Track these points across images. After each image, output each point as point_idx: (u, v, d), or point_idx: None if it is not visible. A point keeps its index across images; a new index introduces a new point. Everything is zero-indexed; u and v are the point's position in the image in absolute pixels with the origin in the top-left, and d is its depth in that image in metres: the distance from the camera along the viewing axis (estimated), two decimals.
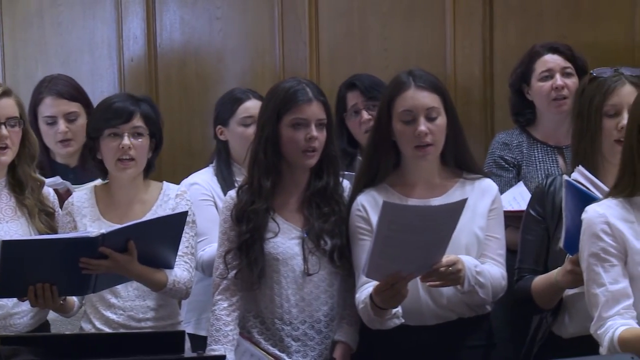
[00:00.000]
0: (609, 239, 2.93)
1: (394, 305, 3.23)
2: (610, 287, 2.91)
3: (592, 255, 2.94)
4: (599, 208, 2.97)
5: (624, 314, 2.88)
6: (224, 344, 3.40)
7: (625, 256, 2.93)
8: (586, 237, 2.96)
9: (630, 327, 2.85)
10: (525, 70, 4.11)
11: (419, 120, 3.35)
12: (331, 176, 3.50)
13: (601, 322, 2.90)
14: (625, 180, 2.98)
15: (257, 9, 5.08)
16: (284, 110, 3.43)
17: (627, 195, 2.97)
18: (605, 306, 2.90)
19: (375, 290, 3.20)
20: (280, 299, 3.44)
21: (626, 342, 2.83)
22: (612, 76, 3.31)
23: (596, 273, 2.93)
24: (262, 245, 3.43)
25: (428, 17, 4.71)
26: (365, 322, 3.37)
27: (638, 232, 2.94)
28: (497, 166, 4.08)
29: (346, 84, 4.32)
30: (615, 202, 2.97)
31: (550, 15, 4.49)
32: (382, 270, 3.12)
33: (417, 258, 3.12)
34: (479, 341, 3.45)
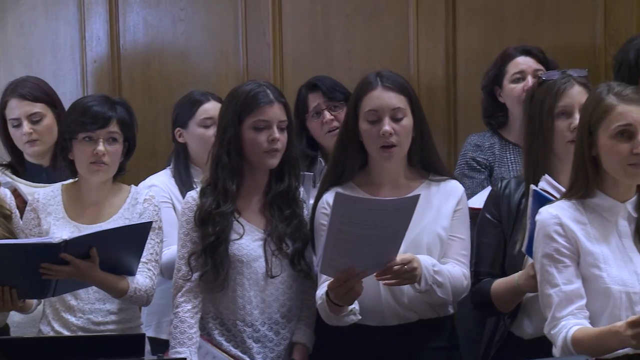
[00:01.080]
0: (562, 240, 2.95)
1: (348, 302, 3.23)
2: (564, 287, 2.93)
3: (546, 256, 2.97)
4: (552, 210, 2.99)
5: (577, 313, 2.91)
6: (189, 347, 3.40)
7: (578, 257, 2.96)
8: (540, 238, 2.99)
9: (583, 327, 2.87)
10: (497, 72, 4.13)
11: (384, 121, 3.36)
12: (292, 178, 3.51)
13: (555, 322, 2.92)
14: (578, 183, 3.01)
15: (221, 11, 5.07)
16: (245, 112, 3.43)
17: (580, 197, 3.00)
18: (558, 306, 2.92)
19: (330, 287, 3.21)
20: (243, 301, 3.44)
21: (579, 342, 2.85)
22: (560, 78, 3.35)
23: (550, 274, 2.95)
24: (227, 247, 3.42)
25: (391, 19, 4.72)
26: (323, 319, 3.37)
27: (590, 233, 2.97)
28: (470, 168, 4.09)
29: (307, 85, 4.31)
30: (568, 204, 3.00)
31: (513, 17, 4.51)
32: (335, 265, 3.13)
33: (370, 254, 3.13)
34: (440, 342, 3.46)
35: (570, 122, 3.28)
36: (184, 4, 5.15)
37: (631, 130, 2.91)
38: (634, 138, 2.91)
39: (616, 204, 2.99)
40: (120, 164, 3.66)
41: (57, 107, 4.22)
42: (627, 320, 2.75)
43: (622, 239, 2.97)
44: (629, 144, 2.91)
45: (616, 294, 2.90)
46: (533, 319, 3.27)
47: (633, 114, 2.92)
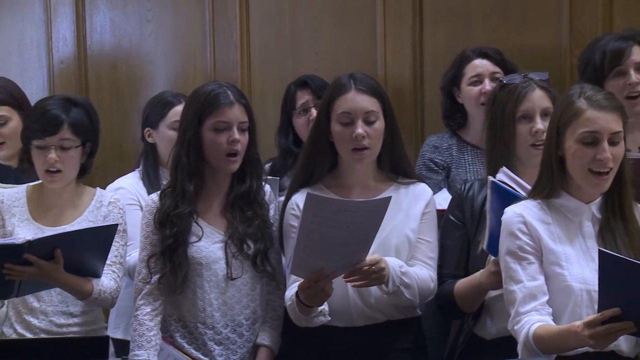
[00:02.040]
0: (525, 237, 2.98)
1: (318, 303, 3.24)
2: (528, 283, 2.96)
3: (510, 253, 2.99)
4: (517, 208, 3.02)
5: (541, 309, 2.93)
6: (147, 349, 3.39)
7: (541, 255, 2.98)
8: (504, 236, 3.01)
9: (545, 324, 2.90)
10: (455, 74, 4.13)
11: (357, 123, 3.36)
12: (254, 180, 3.50)
13: (518, 318, 2.94)
14: (543, 182, 3.03)
15: (188, 12, 5.07)
16: (205, 113, 3.43)
17: (544, 196, 3.02)
18: (522, 302, 2.94)
19: (300, 287, 3.21)
20: (203, 303, 3.43)
21: (540, 339, 2.88)
22: (522, 82, 3.36)
23: (514, 270, 2.98)
24: (185, 249, 3.42)
25: (358, 20, 4.72)
26: (292, 320, 3.37)
27: (553, 233, 2.99)
28: (427, 168, 4.10)
29: (297, 82, 4.32)
30: (533, 204, 3.03)
31: (479, 19, 4.51)
32: (305, 266, 3.13)
33: (341, 255, 3.13)
34: (407, 343, 3.46)
35: (531, 126, 3.29)
36: (151, 4, 5.14)
37: (597, 137, 2.93)
38: (599, 145, 2.92)
39: (580, 205, 3.01)
40: (83, 165, 3.64)
41: (23, 108, 4.18)
42: (584, 320, 2.77)
43: (586, 239, 3.00)
44: (593, 150, 2.93)
45: (577, 291, 2.93)
46: (495, 320, 3.29)
47: (600, 121, 2.93)
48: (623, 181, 3.00)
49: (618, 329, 2.71)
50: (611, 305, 2.70)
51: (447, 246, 3.43)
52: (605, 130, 2.93)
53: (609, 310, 2.70)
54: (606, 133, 2.93)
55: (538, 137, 3.27)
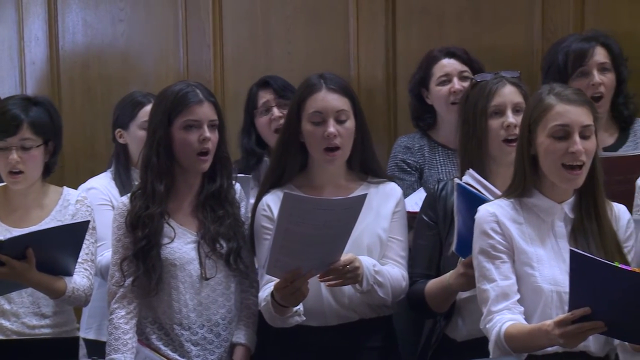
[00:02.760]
0: (498, 237, 2.99)
1: (295, 303, 3.24)
2: (500, 282, 2.97)
3: (482, 253, 3.00)
4: (490, 207, 3.03)
5: (513, 308, 2.95)
6: (124, 353, 3.37)
7: (513, 254, 2.99)
8: (477, 235, 3.02)
9: (516, 323, 2.91)
10: (423, 75, 4.14)
11: (329, 122, 3.37)
12: (224, 178, 3.49)
13: (490, 317, 2.95)
14: (516, 181, 3.04)
15: (161, 12, 5.06)
16: (175, 113, 3.41)
17: (517, 196, 3.04)
18: (494, 301, 2.95)
19: (276, 288, 3.21)
20: (179, 305, 3.42)
21: (511, 338, 2.89)
22: (493, 79, 3.38)
23: (487, 269, 2.99)
24: (158, 251, 3.40)
25: (331, 21, 4.73)
26: (267, 320, 3.37)
27: (525, 233, 3.01)
28: (400, 169, 4.10)
29: (259, 82, 4.31)
30: (506, 203, 3.04)
31: (452, 19, 4.52)
32: (282, 266, 3.13)
33: (317, 255, 3.14)
34: (380, 342, 3.47)
35: (502, 120, 3.30)
36: (123, 4, 5.13)
37: (568, 131, 2.94)
38: (570, 138, 2.94)
39: (553, 204, 3.02)
40: (47, 164, 3.62)
41: None
42: (555, 319, 2.78)
43: (558, 239, 3.01)
44: (565, 144, 2.94)
45: (547, 292, 2.94)
46: (466, 321, 3.30)
47: (571, 115, 2.95)
48: (596, 180, 3.01)
49: (588, 328, 2.72)
50: (581, 304, 2.71)
51: (419, 246, 3.44)
52: (576, 124, 2.94)
53: (579, 309, 2.71)
54: (577, 126, 2.94)
55: (510, 132, 3.28)
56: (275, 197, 3.43)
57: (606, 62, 3.89)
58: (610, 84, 3.89)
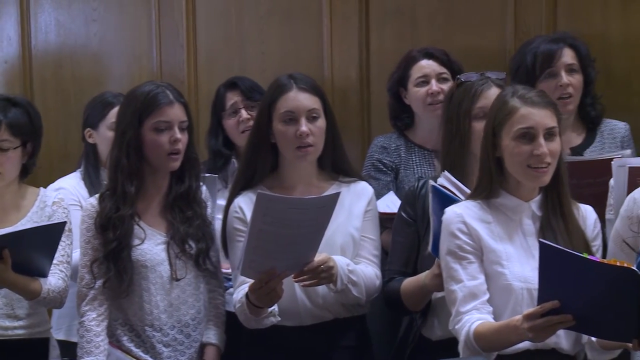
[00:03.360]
0: (465, 237, 3.00)
1: (270, 303, 3.24)
2: (468, 283, 2.98)
3: (450, 253, 3.01)
4: (457, 209, 3.04)
5: (481, 308, 2.95)
6: (96, 355, 3.37)
7: (482, 254, 3.00)
8: (444, 236, 3.03)
9: (485, 322, 2.92)
10: (402, 75, 4.14)
11: (301, 121, 3.38)
12: (192, 179, 3.49)
13: (459, 317, 2.96)
14: (483, 183, 3.05)
15: (134, 12, 5.04)
16: (145, 114, 3.41)
17: (484, 197, 3.05)
18: (462, 301, 2.96)
19: (251, 289, 3.21)
20: (150, 306, 3.42)
21: (481, 337, 2.90)
22: (479, 80, 3.39)
23: (454, 270, 3.00)
24: (129, 252, 3.39)
25: (305, 21, 4.73)
26: (242, 322, 3.37)
27: (494, 232, 3.02)
28: (376, 169, 4.11)
29: (226, 83, 4.31)
30: (473, 204, 3.05)
31: (425, 20, 4.54)
32: (256, 267, 3.13)
33: (291, 254, 3.14)
34: (354, 341, 3.48)
35: None
36: (96, 4, 5.10)
37: (533, 133, 2.96)
38: (535, 140, 2.95)
39: (520, 203, 3.04)
40: (24, 165, 3.61)
41: None
42: (523, 313, 2.79)
43: (526, 237, 3.02)
44: (530, 146, 2.95)
45: (518, 290, 2.96)
46: (441, 320, 3.30)
47: (535, 117, 2.96)
48: (561, 178, 3.03)
49: (557, 321, 2.73)
50: (551, 297, 2.72)
51: (397, 242, 3.44)
52: (540, 126, 2.96)
53: (548, 302, 2.72)
54: (541, 128, 2.96)
55: None
56: (247, 198, 3.43)
57: (574, 63, 3.92)
58: (578, 85, 3.92)
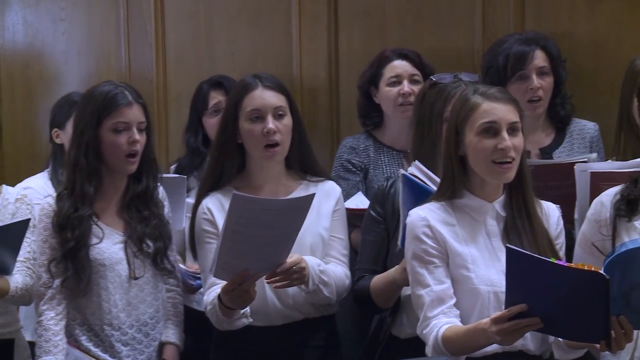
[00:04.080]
0: (430, 241, 2.99)
1: (243, 305, 3.24)
2: (435, 287, 2.97)
3: (415, 258, 3.00)
4: (421, 212, 3.03)
5: (448, 312, 2.95)
6: (55, 354, 3.35)
7: (447, 258, 2.99)
8: (409, 240, 3.02)
9: (453, 326, 2.91)
10: (374, 74, 4.15)
11: (267, 119, 3.38)
12: (150, 179, 3.49)
13: (427, 322, 2.96)
14: (446, 183, 3.05)
15: (102, 11, 5.02)
16: (104, 114, 3.40)
17: (448, 197, 3.04)
18: (430, 306, 2.96)
19: (224, 290, 3.20)
20: (108, 305, 3.41)
21: (449, 341, 2.90)
22: (451, 82, 3.37)
23: (420, 274, 2.99)
24: (87, 251, 3.38)
25: (274, 21, 4.73)
26: (213, 324, 3.36)
27: (459, 234, 3.01)
28: (345, 170, 4.11)
29: (211, 82, 4.32)
30: (437, 206, 3.04)
31: (394, 20, 4.54)
32: (230, 268, 3.12)
33: (265, 256, 3.14)
34: (323, 341, 3.49)
35: None
36: (64, 3, 5.08)
37: (496, 127, 2.95)
38: (498, 134, 2.95)
39: (484, 203, 3.03)
40: None
41: None
42: (491, 317, 2.79)
43: (491, 238, 3.02)
44: (494, 140, 2.95)
45: (484, 294, 2.95)
46: (410, 318, 3.29)
47: (497, 111, 2.96)
48: (524, 177, 3.02)
49: (525, 324, 2.73)
50: (518, 301, 2.73)
51: (366, 241, 3.44)
52: (503, 120, 2.96)
53: (515, 306, 2.72)
54: (504, 123, 2.96)
55: None
56: (216, 199, 3.43)
57: (545, 65, 3.95)
58: (548, 88, 3.95)
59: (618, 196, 3.04)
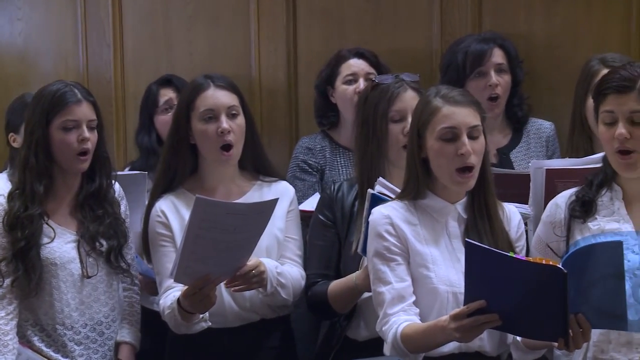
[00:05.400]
0: (392, 239, 3.00)
1: (203, 310, 3.23)
2: (396, 285, 2.97)
3: (377, 255, 3.01)
4: (384, 210, 3.03)
5: (408, 310, 2.95)
6: (5, 354, 3.32)
7: (409, 256, 3.00)
8: (372, 238, 3.03)
9: (412, 323, 2.92)
10: (330, 73, 4.16)
11: (221, 119, 3.38)
12: (103, 178, 3.48)
13: (386, 319, 2.96)
14: (409, 184, 3.06)
15: (60, 11, 4.99)
16: (53, 113, 3.39)
17: (411, 198, 3.05)
18: (390, 303, 2.96)
19: (184, 295, 3.19)
20: (61, 304, 3.39)
21: (408, 338, 2.90)
22: (394, 82, 3.39)
23: (382, 272, 2.99)
24: (38, 251, 3.36)
25: (232, 21, 4.72)
26: (171, 328, 3.35)
27: (420, 234, 3.02)
28: (301, 170, 4.12)
29: (159, 81, 4.32)
30: (400, 205, 3.05)
31: (352, 21, 4.54)
32: (191, 273, 3.11)
33: (226, 260, 3.13)
34: (276, 342, 3.49)
35: (403, 126, 3.31)
36: (21, 3, 5.05)
37: (456, 132, 2.96)
38: (458, 139, 2.96)
39: (446, 205, 3.05)
40: None
41: None
42: (450, 313, 2.80)
43: (452, 239, 3.03)
44: (454, 146, 2.96)
45: (443, 294, 2.96)
46: (368, 321, 3.30)
47: (457, 116, 2.97)
48: (486, 179, 3.04)
49: (483, 321, 2.74)
50: (477, 297, 2.73)
51: (316, 246, 3.44)
52: (463, 125, 2.96)
53: (474, 302, 2.73)
54: (464, 127, 2.97)
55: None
56: (169, 202, 3.43)
57: (503, 63, 3.99)
58: (506, 85, 3.99)
59: (573, 197, 3.06)
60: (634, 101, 2.89)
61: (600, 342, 2.95)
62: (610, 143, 2.93)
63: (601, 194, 3.04)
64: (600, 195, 3.04)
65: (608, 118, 2.94)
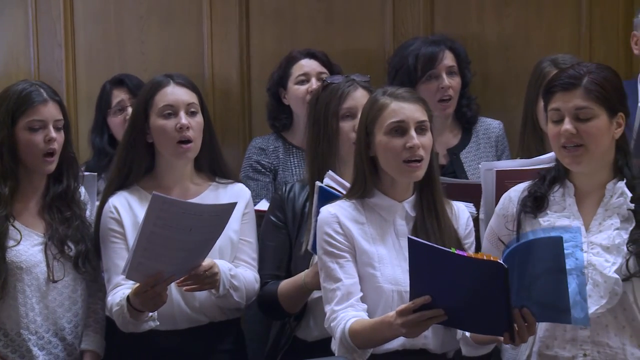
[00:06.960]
0: (340, 237, 3.02)
1: (153, 308, 3.21)
2: (345, 281, 2.99)
3: (326, 253, 3.02)
4: (332, 209, 3.05)
5: (357, 306, 2.97)
6: None
7: (355, 255, 3.02)
8: (320, 236, 3.04)
9: (360, 319, 2.93)
10: (282, 75, 4.17)
11: (180, 115, 3.37)
12: (71, 179, 3.44)
13: (334, 315, 2.97)
14: (357, 183, 3.07)
15: (10, 11, 4.96)
16: (18, 113, 3.35)
17: (359, 196, 3.07)
18: (340, 300, 2.97)
19: (135, 292, 3.17)
20: (25, 309, 3.34)
21: (356, 333, 2.91)
22: (345, 82, 3.42)
23: (332, 269, 3.01)
24: (4, 254, 3.31)
25: (185, 21, 4.71)
26: (119, 325, 3.32)
27: (367, 233, 3.04)
28: (254, 170, 4.11)
29: (113, 80, 4.29)
30: (348, 204, 3.07)
31: (305, 21, 4.56)
32: (143, 270, 3.09)
33: (180, 260, 3.12)
34: (228, 345, 3.48)
35: (354, 123, 3.32)
36: None
37: (404, 127, 3.00)
38: (407, 133, 2.99)
39: (394, 203, 3.06)
40: None
41: None
42: (397, 309, 2.82)
43: (399, 238, 3.04)
44: (403, 139, 2.99)
45: (388, 292, 2.98)
46: (318, 321, 3.30)
47: (405, 111, 3.01)
48: (433, 177, 3.07)
49: (429, 316, 2.76)
50: (422, 293, 2.75)
51: (268, 247, 3.44)
52: (411, 119, 3.00)
53: (419, 298, 2.75)
54: (412, 122, 3.00)
55: None
56: (122, 198, 3.41)
57: (454, 65, 4.02)
58: (457, 87, 4.02)
59: (525, 192, 3.08)
60: (580, 98, 2.93)
61: (545, 337, 2.99)
62: (558, 139, 2.96)
63: (553, 189, 3.07)
64: (552, 191, 3.06)
65: (555, 116, 2.97)
